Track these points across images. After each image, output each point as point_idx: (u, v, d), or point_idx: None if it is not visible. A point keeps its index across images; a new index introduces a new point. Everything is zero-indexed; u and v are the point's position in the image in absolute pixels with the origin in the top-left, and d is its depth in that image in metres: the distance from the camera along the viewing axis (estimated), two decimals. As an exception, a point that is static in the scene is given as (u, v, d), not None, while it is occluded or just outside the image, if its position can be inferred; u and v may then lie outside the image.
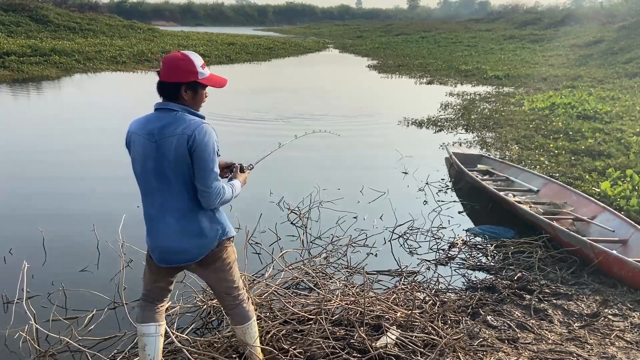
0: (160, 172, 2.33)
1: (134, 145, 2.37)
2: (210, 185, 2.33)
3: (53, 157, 7.78)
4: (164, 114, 2.34)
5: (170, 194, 2.35)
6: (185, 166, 2.30)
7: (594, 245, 4.17)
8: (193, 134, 2.27)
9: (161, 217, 2.40)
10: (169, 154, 2.29)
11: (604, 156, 7.37)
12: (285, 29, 69.66)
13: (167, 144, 2.29)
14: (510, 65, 20.53)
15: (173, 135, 2.28)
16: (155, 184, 2.36)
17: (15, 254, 4.41)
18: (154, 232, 2.44)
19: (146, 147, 2.32)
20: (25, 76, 16.58)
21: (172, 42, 28.18)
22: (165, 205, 2.38)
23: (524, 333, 3.29)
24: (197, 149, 2.28)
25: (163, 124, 2.31)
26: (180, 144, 2.27)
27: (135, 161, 2.39)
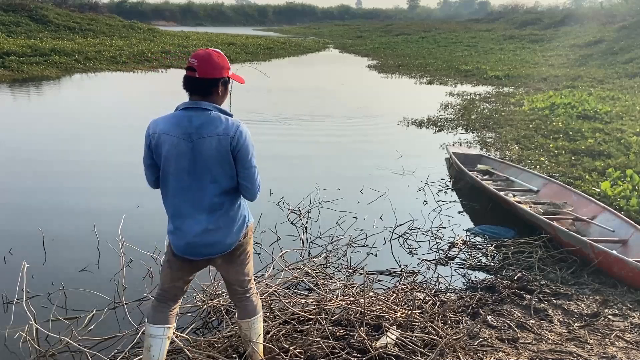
0: (193, 170, 2.37)
1: (165, 145, 2.37)
2: (255, 179, 2.45)
3: (53, 157, 7.78)
4: (196, 113, 2.36)
5: (202, 191, 2.39)
6: (226, 164, 2.37)
7: (594, 245, 4.17)
8: (235, 135, 2.34)
9: (192, 214, 2.42)
10: (207, 153, 2.34)
11: (604, 156, 7.37)
12: (285, 29, 69.66)
13: (206, 144, 2.33)
14: (510, 65, 20.53)
15: (213, 136, 2.33)
16: (188, 182, 2.39)
17: (15, 254, 4.41)
18: (183, 229, 2.44)
19: (180, 147, 2.34)
20: (25, 76, 16.58)
21: (172, 42, 28.17)
22: (197, 203, 2.41)
23: (524, 333, 3.29)
24: (240, 149, 2.36)
25: (199, 123, 2.34)
26: (222, 144, 2.33)
27: (168, 161, 2.39)
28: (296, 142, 9.10)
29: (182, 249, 2.49)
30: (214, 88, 2.39)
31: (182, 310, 3.48)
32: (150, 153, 2.45)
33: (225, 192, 2.42)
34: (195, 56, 2.37)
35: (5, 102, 12.43)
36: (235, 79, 2.49)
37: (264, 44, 32.75)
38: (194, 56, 2.37)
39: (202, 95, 2.39)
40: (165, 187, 2.46)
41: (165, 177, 2.43)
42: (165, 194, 2.47)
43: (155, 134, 2.40)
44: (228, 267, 2.60)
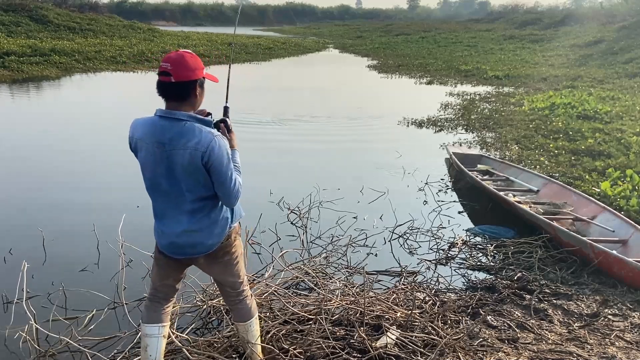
0: (171, 176, 2.34)
1: (142, 152, 2.36)
2: (231, 190, 2.36)
3: (53, 157, 7.78)
4: (170, 123, 2.29)
5: (181, 196, 2.36)
6: (200, 176, 2.31)
7: (594, 245, 4.17)
8: (207, 150, 2.26)
9: (172, 216, 2.41)
10: (181, 163, 2.29)
11: (604, 156, 7.37)
12: (285, 29, 69.65)
13: (179, 155, 2.28)
14: (510, 65, 20.53)
15: (185, 149, 2.26)
16: (166, 187, 2.37)
17: (15, 254, 4.41)
18: (164, 229, 2.45)
19: (156, 154, 2.32)
20: (25, 76, 16.58)
21: (172, 42, 28.17)
22: (177, 207, 2.39)
23: (524, 333, 3.29)
24: (213, 163, 2.28)
25: (172, 135, 2.28)
26: (193, 158, 2.26)
27: (145, 167, 2.39)
28: (296, 142, 9.10)
29: (165, 248, 2.49)
30: (191, 91, 2.31)
31: (182, 310, 3.48)
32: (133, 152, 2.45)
33: (204, 198, 2.38)
34: (167, 59, 2.27)
35: (6, 102, 12.43)
36: (209, 78, 2.42)
37: (264, 44, 32.75)
38: (166, 60, 2.27)
39: (178, 100, 2.31)
40: (147, 188, 2.46)
41: (145, 180, 2.43)
42: (149, 194, 2.47)
43: (134, 138, 2.38)
44: (211, 268, 2.59)
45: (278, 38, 41.03)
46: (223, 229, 2.47)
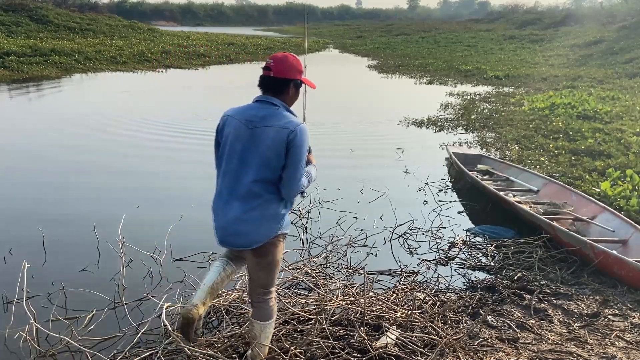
0: (244, 156, 2.50)
1: (227, 128, 2.56)
2: (297, 179, 2.53)
3: (53, 157, 7.78)
4: (264, 105, 2.55)
5: (244, 178, 2.50)
6: (274, 156, 2.47)
7: (594, 245, 4.17)
8: (295, 131, 2.47)
9: (228, 200, 2.54)
10: (262, 141, 2.47)
11: (604, 156, 7.37)
12: (285, 29, 69.65)
13: (264, 133, 2.47)
14: (510, 65, 20.54)
15: (273, 126, 2.48)
16: (235, 166, 2.52)
17: (15, 254, 4.41)
18: (219, 213, 2.58)
19: (240, 131, 2.51)
20: (25, 76, 16.57)
21: (172, 42, 28.17)
22: (235, 189, 2.52)
23: (524, 333, 3.29)
24: (295, 144, 2.47)
25: (264, 114, 2.51)
26: (279, 135, 2.46)
27: (225, 142, 2.56)
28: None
29: (218, 237, 2.61)
30: (285, 88, 2.57)
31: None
32: (217, 133, 2.64)
33: (266, 184, 2.50)
34: (273, 57, 2.57)
35: (6, 102, 12.44)
36: (306, 83, 2.65)
37: (264, 44, 32.75)
38: (272, 57, 2.57)
39: (274, 92, 2.57)
40: (218, 168, 2.64)
41: (220, 158, 2.61)
42: (219, 174, 2.62)
43: (224, 116, 2.61)
44: (252, 263, 2.67)
45: (278, 38, 41.05)
46: (271, 228, 2.56)
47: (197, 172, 7.08)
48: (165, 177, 6.88)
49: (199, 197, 6.07)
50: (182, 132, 9.51)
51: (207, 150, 8.56)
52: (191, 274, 4.02)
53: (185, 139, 8.99)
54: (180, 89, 15.78)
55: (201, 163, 7.54)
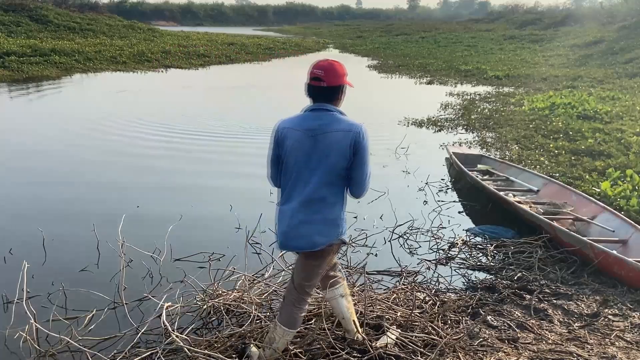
0: (309, 164, 2.58)
1: (288, 140, 2.61)
2: (366, 176, 2.64)
3: (53, 157, 7.78)
4: (321, 113, 2.62)
5: (311, 184, 2.58)
6: (342, 159, 2.56)
7: (594, 245, 4.17)
8: (359, 133, 2.57)
9: (294, 206, 2.61)
10: (328, 147, 2.55)
11: (604, 156, 7.37)
12: (285, 29, 69.63)
13: (328, 139, 2.55)
14: (510, 65, 20.54)
15: (337, 131, 2.56)
16: (301, 175, 2.60)
17: (15, 254, 4.41)
18: (284, 219, 2.64)
19: (303, 141, 2.58)
20: (25, 76, 16.57)
21: (172, 42, 28.15)
22: (302, 196, 2.60)
23: (524, 333, 3.29)
24: (360, 146, 2.57)
25: (323, 122, 2.59)
26: (345, 139, 2.55)
27: (290, 154, 2.61)
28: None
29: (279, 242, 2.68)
30: (337, 94, 2.66)
31: (182, 310, 3.48)
32: (276, 147, 2.67)
33: (330, 188, 2.60)
34: (320, 67, 2.62)
35: (5, 102, 12.44)
36: (348, 84, 2.74)
37: (264, 44, 32.73)
38: (319, 67, 2.62)
39: (326, 100, 2.64)
40: (282, 178, 2.69)
41: (285, 169, 2.66)
42: (284, 186, 2.69)
43: (283, 129, 2.64)
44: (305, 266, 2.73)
45: (278, 38, 41.04)
46: (332, 232, 2.64)
47: (197, 172, 7.09)
48: (165, 177, 6.88)
49: (199, 197, 6.07)
50: (182, 132, 9.51)
51: (207, 150, 8.58)
52: (191, 274, 4.03)
53: (185, 139, 8.99)
54: (180, 88, 15.78)
55: (201, 163, 7.55)
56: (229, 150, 8.33)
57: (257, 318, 3.23)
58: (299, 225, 2.59)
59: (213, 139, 9.03)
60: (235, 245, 4.61)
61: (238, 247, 4.51)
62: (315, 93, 2.64)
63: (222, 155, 8.05)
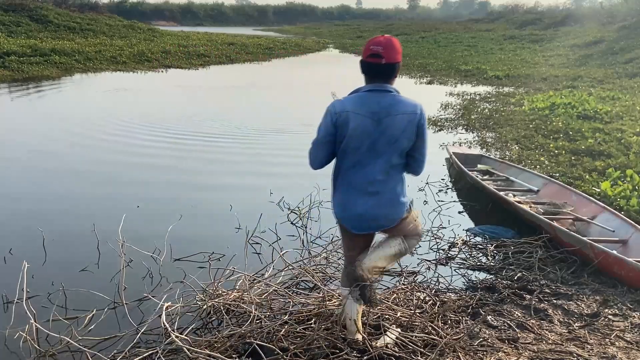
0: (373, 146, 2.59)
1: (351, 123, 2.57)
2: (425, 155, 2.74)
3: (53, 157, 7.78)
4: (381, 94, 2.59)
5: (376, 166, 2.62)
6: (406, 141, 2.61)
7: (594, 245, 4.17)
8: (421, 113, 2.62)
9: (363, 188, 2.65)
10: (394, 130, 2.57)
11: (604, 156, 7.37)
12: (285, 29, 69.60)
13: (395, 121, 2.57)
14: (510, 65, 20.53)
15: (403, 114, 2.57)
16: (366, 157, 2.62)
17: (15, 254, 4.41)
18: (352, 202, 2.69)
19: (366, 123, 2.56)
20: (25, 76, 16.57)
21: (172, 42, 28.14)
22: (370, 177, 2.64)
23: (524, 333, 3.29)
24: (423, 127, 2.63)
25: (385, 104, 2.58)
26: (411, 121, 2.58)
27: (352, 138, 2.59)
28: (296, 142, 9.10)
29: (352, 225, 2.74)
30: (395, 72, 2.62)
31: (182, 310, 3.48)
32: (332, 130, 2.62)
33: (395, 169, 2.67)
34: (378, 43, 2.55)
35: (5, 102, 12.44)
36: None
37: (264, 44, 32.72)
38: (376, 43, 2.56)
39: (385, 78, 2.60)
40: (341, 162, 2.69)
41: (344, 153, 2.65)
42: (340, 168, 2.71)
43: (343, 112, 2.58)
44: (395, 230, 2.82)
45: (278, 38, 41.03)
46: (402, 208, 2.75)
47: (197, 172, 7.09)
48: (165, 176, 6.88)
49: (199, 197, 6.07)
50: (182, 132, 9.51)
51: (207, 150, 8.56)
52: (191, 274, 4.02)
53: (186, 139, 8.99)
54: (180, 89, 15.78)
55: (201, 163, 7.55)
56: (229, 150, 8.33)
57: (257, 318, 3.23)
58: (373, 208, 2.65)
59: (213, 139, 9.03)
60: (235, 245, 4.61)
61: (238, 247, 4.51)
62: (374, 71, 2.58)
63: (222, 155, 8.04)
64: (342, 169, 2.70)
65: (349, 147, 2.62)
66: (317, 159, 2.74)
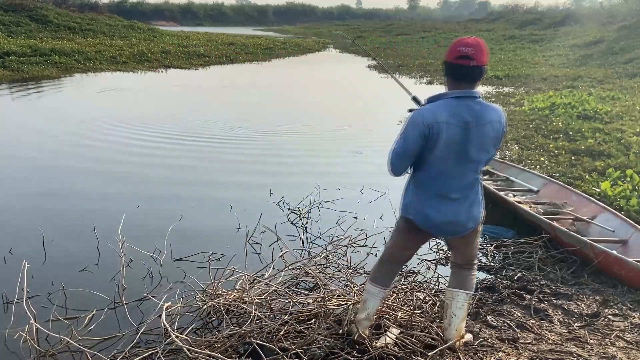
0: (462, 156, 2.59)
1: (444, 134, 2.52)
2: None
3: (53, 157, 7.78)
4: (469, 102, 2.55)
5: (466, 175, 2.66)
6: (493, 148, 2.66)
7: (594, 245, 4.17)
8: (504, 121, 2.65)
9: (451, 197, 2.67)
10: (481, 138, 2.57)
11: (604, 156, 7.37)
12: (285, 29, 69.61)
13: (484, 130, 2.56)
14: (510, 65, 20.53)
15: (491, 122, 2.57)
16: (454, 166, 2.62)
17: (15, 254, 4.41)
18: (442, 208, 2.68)
19: (458, 134, 2.54)
20: (25, 76, 16.57)
21: (172, 42, 28.13)
22: (457, 185, 2.66)
23: (524, 333, 3.29)
24: (504, 131, 2.68)
25: (476, 112, 2.55)
26: (498, 129, 2.61)
27: (444, 147, 2.56)
28: (296, 141, 9.10)
29: (434, 227, 2.74)
30: (482, 75, 2.56)
31: (182, 310, 3.48)
32: (421, 142, 2.56)
33: (477, 177, 2.71)
34: (468, 44, 2.50)
35: (6, 102, 12.43)
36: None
37: (264, 44, 32.72)
38: (465, 44, 2.51)
39: (472, 82, 2.55)
40: (425, 169, 2.67)
41: (429, 161, 2.63)
42: (426, 177, 2.69)
43: (434, 123, 2.52)
44: (464, 242, 2.86)
45: (278, 38, 41.03)
46: (480, 211, 2.78)
47: (197, 172, 7.09)
48: (165, 176, 6.88)
49: (199, 197, 6.07)
50: (182, 132, 9.51)
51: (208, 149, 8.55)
52: (191, 274, 4.02)
53: (186, 139, 8.99)
54: (180, 89, 15.78)
55: (201, 163, 7.55)
56: (229, 150, 8.33)
57: (257, 318, 3.23)
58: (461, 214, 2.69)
59: (213, 139, 9.02)
60: (235, 245, 4.61)
61: (238, 247, 4.51)
62: (463, 74, 2.53)
63: (222, 154, 8.04)
64: (426, 177, 2.69)
65: (436, 156, 2.59)
66: (399, 170, 2.70)
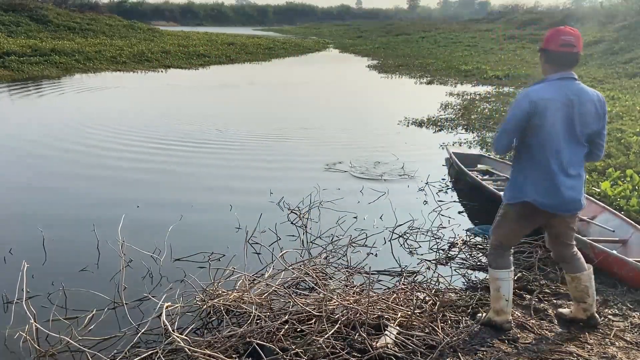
0: (570, 132, 2.82)
1: (549, 111, 2.78)
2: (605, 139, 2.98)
3: (53, 157, 7.78)
4: (570, 83, 2.83)
5: (574, 150, 2.86)
6: (595, 125, 2.86)
7: (594, 245, 4.17)
8: (604, 100, 2.89)
9: (566, 172, 2.84)
10: (586, 116, 2.81)
11: (603, 156, 7.35)
12: (285, 29, 69.64)
13: (587, 108, 2.81)
14: (510, 65, 20.54)
15: (591, 101, 2.82)
16: (564, 143, 2.82)
17: (15, 254, 4.41)
18: (555, 186, 2.85)
19: (564, 111, 2.79)
20: (25, 76, 16.59)
21: (172, 42, 28.16)
22: (572, 161, 2.85)
23: (524, 333, 3.29)
24: (605, 112, 2.90)
25: (576, 92, 2.81)
26: (598, 108, 2.84)
27: (550, 124, 2.80)
28: (296, 141, 9.10)
29: (550, 205, 2.88)
30: (579, 61, 2.90)
31: (182, 310, 3.48)
32: (526, 117, 2.81)
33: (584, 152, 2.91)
34: (569, 34, 2.82)
35: (6, 102, 12.44)
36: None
37: (264, 44, 32.75)
38: (567, 34, 2.82)
39: (571, 67, 2.86)
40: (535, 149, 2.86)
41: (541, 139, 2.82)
42: (543, 157, 2.85)
43: (540, 99, 2.79)
44: (566, 222, 3.02)
45: (278, 38, 41.05)
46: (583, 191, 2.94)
47: (197, 172, 7.09)
48: (165, 176, 6.88)
49: (199, 197, 6.07)
50: (182, 132, 9.51)
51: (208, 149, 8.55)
52: (191, 274, 4.02)
53: (186, 139, 9.00)
54: (180, 89, 15.79)
55: (202, 163, 7.55)
56: (230, 150, 8.34)
57: (257, 318, 3.23)
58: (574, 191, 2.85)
59: (213, 139, 9.03)
60: (235, 245, 4.61)
61: (238, 247, 4.51)
62: (567, 59, 2.82)
63: (222, 155, 8.04)
64: (535, 156, 2.85)
65: (547, 133, 2.80)
66: (504, 145, 2.93)
